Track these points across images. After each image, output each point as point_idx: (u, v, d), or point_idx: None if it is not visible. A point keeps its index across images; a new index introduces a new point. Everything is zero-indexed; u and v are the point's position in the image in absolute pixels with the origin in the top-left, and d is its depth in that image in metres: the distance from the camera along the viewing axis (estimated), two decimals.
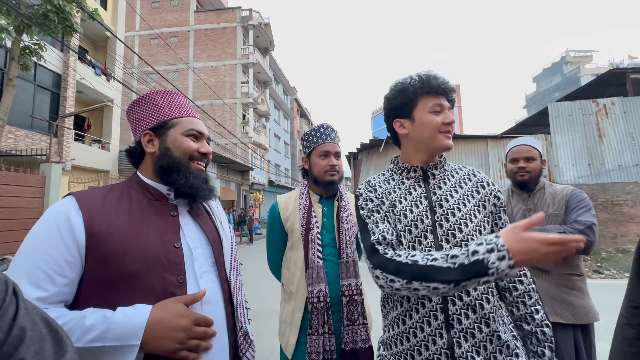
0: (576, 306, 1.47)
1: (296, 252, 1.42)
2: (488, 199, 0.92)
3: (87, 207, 0.72)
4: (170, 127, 0.85)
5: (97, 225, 0.71)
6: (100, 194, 0.78)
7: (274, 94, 27.14)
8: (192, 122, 0.88)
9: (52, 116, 10.10)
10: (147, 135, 0.85)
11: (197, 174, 0.85)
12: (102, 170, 11.43)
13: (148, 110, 0.87)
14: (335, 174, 1.46)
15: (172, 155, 0.84)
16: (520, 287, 0.88)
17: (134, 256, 0.71)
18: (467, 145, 11.14)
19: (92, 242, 0.69)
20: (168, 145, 0.84)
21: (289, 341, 1.35)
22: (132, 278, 0.70)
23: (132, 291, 0.70)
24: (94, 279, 0.70)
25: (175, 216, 0.82)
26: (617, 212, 8.93)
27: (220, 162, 16.90)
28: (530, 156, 1.63)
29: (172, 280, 0.74)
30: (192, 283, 0.77)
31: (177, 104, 0.90)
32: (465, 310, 0.81)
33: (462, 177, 0.95)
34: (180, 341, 0.68)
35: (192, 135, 0.87)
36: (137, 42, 21.99)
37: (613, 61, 32.09)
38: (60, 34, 6.09)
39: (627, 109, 9.45)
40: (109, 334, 0.63)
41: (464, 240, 0.85)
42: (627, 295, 0.88)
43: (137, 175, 0.86)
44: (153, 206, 0.81)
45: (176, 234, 0.79)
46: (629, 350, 0.83)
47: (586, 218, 1.47)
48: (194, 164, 0.86)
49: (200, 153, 0.87)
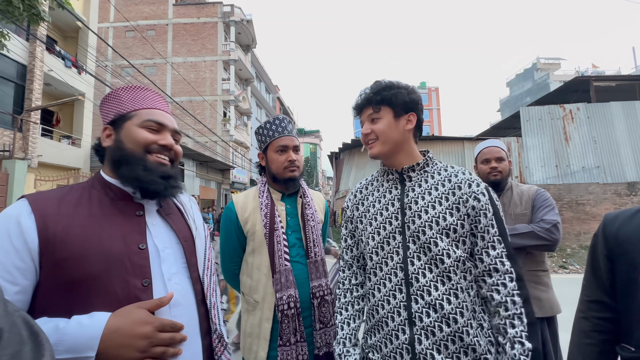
0: (542, 300, 1.57)
1: (259, 257, 1.29)
2: (463, 202, 0.89)
3: (41, 209, 0.68)
4: (127, 120, 0.81)
5: (51, 228, 0.67)
6: (57, 195, 0.73)
7: (256, 92, 26.78)
8: (151, 113, 0.83)
9: (16, 110, 9.45)
10: (107, 129, 0.82)
11: (152, 167, 0.79)
12: (72, 168, 10.84)
13: (111, 106, 0.84)
14: (295, 169, 1.35)
15: (123, 147, 0.79)
16: (496, 297, 0.85)
17: (94, 258, 0.67)
18: (445, 146, 11.50)
19: (46, 245, 0.66)
20: (121, 137, 0.80)
21: (257, 356, 1.23)
22: (92, 282, 0.66)
23: (93, 297, 0.66)
24: (51, 285, 0.65)
25: (140, 216, 0.78)
26: (581, 211, 9.54)
27: (199, 160, 16.47)
28: (500, 157, 1.71)
29: (135, 283, 0.70)
30: (158, 286, 0.73)
31: (141, 97, 0.85)
32: (427, 309, 0.84)
33: (442, 179, 0.95)
34: (141, 349, 0.64)
35: (148, 127, 0.81)
36: (111, 34, 20.99)
37: (579, 69, 34.15)
38: (26, 22, 5.71)
39: (591, 114, 10.10)
40: (61, 346, 0.59)
41: (427, 242, 0.87)
42: (582, 291, 0.95)
43: (99, 174, 0.81)
44: (116, 206, 0.76)
45: (141, 235, 0.75)
46: (585, 341, 0.89)
47: (551, 217, 1.57)
48: (151, 156, 0.80)
49: (160, 145, 0.81)
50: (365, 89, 1.01)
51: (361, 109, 1.01)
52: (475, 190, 0.91)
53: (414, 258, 0.88)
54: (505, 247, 0.88)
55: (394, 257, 0.91)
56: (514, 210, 1.67)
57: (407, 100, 0.96)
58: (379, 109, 0.96)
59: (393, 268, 0.90)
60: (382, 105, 0.96)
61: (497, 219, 0.90)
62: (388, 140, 0.96)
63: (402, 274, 0.88)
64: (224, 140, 18.01)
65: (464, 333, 0.83)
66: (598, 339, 0.86)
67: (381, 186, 1.02)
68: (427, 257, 0.87)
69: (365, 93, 1.00)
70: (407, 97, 0.97)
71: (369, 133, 0.98)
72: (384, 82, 1.00)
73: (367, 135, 0.99)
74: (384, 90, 0.96)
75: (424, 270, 0.87)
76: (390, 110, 0.96)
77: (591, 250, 0.91)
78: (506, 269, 0.86)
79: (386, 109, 0.96)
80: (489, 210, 0.90)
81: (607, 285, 0.85)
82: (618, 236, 0.81)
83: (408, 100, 0.96)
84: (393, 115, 0.96)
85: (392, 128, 0.96)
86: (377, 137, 0.97)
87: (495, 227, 0.89)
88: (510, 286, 0.85)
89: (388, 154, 0.98)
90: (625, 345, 0.78)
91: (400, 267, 0.89)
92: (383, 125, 0.96)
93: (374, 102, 0.97)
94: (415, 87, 1.01)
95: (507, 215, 1.68)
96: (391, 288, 0.89)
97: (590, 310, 0.89)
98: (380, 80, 1.01)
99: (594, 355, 0.86)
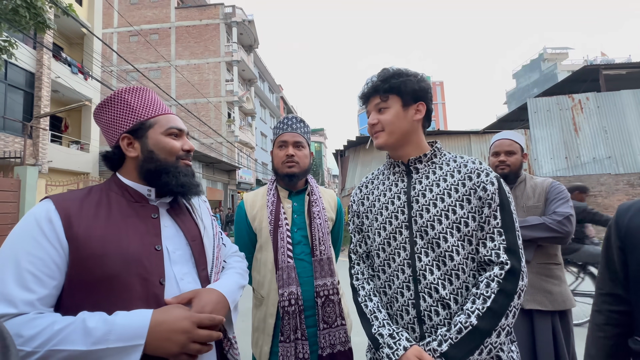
0: (554, 293, 1.54)
1: (266, 253, 1.31)
2: (474, 192, 0.86)
3: (65, 209, 0.71)
4: (149, 128, 0.83)
5: (75, 227, 0.70)
6: (78, 196, 0.77)
7: (260, 92, 26.84)
8: (169, 119, 0.86)
9: (26, 117, 9.65)
10: (126, 138, 0.83)
11: (187, 172, 0.85)
12: (81, 173, 11.02)
13: (120, 112, 0.83)
14: (293, 164, 1.33)
15: (157, 157, 0.82)
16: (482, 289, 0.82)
17: (114, 258, 0.70)
18: (451, 140, 11.37)
19: (71, 243, 0.69)
20: (151, 147, 0.82)
21: (262, 350, 1.25)
22: (113, 280, 0.69)
23: (114, 294, 0.69)
24: (76, 282, 0.68)
25: (156, 218, 0.81)
26: (592, 203, 9.35)
27: (206, 162, 16.60)
28: (510, 150, 1.68)
29: (154, 281, 0.74)
30: (172, 285, 0.77)
31: (150, 101, 0.87)
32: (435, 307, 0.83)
33: (451, 169, 0.91)
34: (181, 344, 0.68)
35: (172, 134, 0.85)
36: (115, 40, 21.24)
37: (587, 58, 33.42)
38: (32, 30, 5.82)
39: (601, 104, 9.87)
40: (112, 335, 0.63)
41: (435, 238, 0.84)
42: (596, 284, 0.93)
43: (116, 176, 0.84)
44: (133, 208, 0.80)
45: (157, 237, 0.79)
46: (598, 335, 0.87)
47: (564, 209, 1.53)
48: (182, 162, 0.86)
49: (185, 151, 0.86)
50: (372, 77, 0.96)
51: (368, 98, 0.96)
52: (484, 180, 0.87)
53: (422, 254, 0.86)
54: (506, 240, 0.83)
55: (401, 253, 0.88)
56: (526, 202, 1.65)
57: (416, 88, 0.91)
58: (387, 98, 0.91)
59: (400, 265, 0.88)
60: (390, 93, 0.91)
61: (502, 211, 0.85)
62: (395, 131, 0.92)
63: (409, 271, 0.86)
64: (229, 141, 18.12)
65: None
66: (612, 332, 0.84)
67: (387, 179, 0.99)
68: (436, 254, 0.84)
69: (372, 81, 0.95)
70: (416, 85, 0.91)
71: (376, 123, 0.93)
72: (392, 69, 0.95)
73: (374, 125, 0.94)
74: (392, 77, 0.91)
75: (431, 267, 0.84)
76: (398, 100, 0.91)
77: (605, 242, 0.89)
78: (500, 261, 0.81)
79: (394, 98, 0.92)
80: (494, 201, 0.85)
81: (620, 277, 0.83)
82: (630, 227, 0.79)
83: (417, 88, 0.91)
84: (401, 105, 0.91)
85: (400, 118, 0.91)
86: (383, 127, 0.92)
87: (498, 218, 0.84)
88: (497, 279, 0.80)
89: (395, 145, 0.94)
90: (638, 338, 0.76)
91: (408, 264, 0.87)
92: (390, 115, 0.91)
93: (381, 90, 0.92)
94: (425, 75, 0.96)
95: (519, 207, 1.66)
96: (399, 285, 0.88)
97: (604, 303, 0.88)
98: (387, 67, 0.96)
99: (607, 349, 0.85)
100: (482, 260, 0.85)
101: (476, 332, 0.76)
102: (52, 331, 0.61)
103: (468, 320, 0.77)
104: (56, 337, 0.61)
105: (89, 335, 0.62)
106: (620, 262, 0.82)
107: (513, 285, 0.79)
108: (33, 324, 0.61)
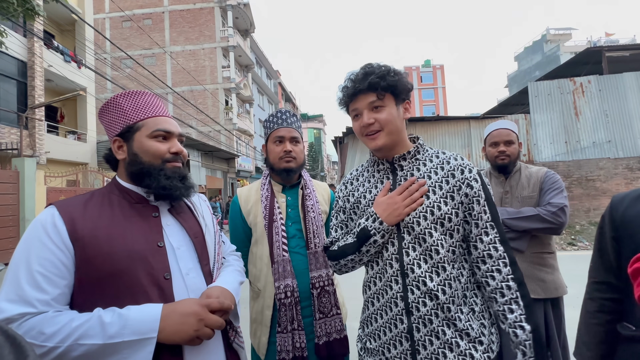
0: (547, 282, 1.57)
1: (261, 247, 1.34)
2: (457, 189, 0.88)
3: (68, 214, 0.76)
4: (136, 131, 0.85)
5: (80, 229, 0.74)
6: (81, 200, 0.81)
7: (257, 78, 26.41)
8: (157, 122, 0.87)
9: (20, 107, 9.52)
10: (117, 141, 0.87)
11: (171, 174, 0.85)
12: (80, 163, 10.98)
13: (115, 115, 0.87)
14: (290, 160, 1.35)
15: (141, 160, 0.84)
16: (492, 283, 0.86)
17: (120, 255, 0.75)
18: (451, 126, 11.28)
19: (77, 245, 0.73)
20: (135, 150, 0.85)
21: (260, 341, 1.30)
22: (121, 276, 0.74)
23: (123, 289, 0.74)
24: (85, 280, 0.73)
25: (156, 217, 0.85)
26: (591, 187, 9.38)
27: (204, 150, 16.53)
28: (509, 140, 1.67)
29: (159, 276, 0.78)
30: (178, 280, 0.81)
31: (143, 104, 0.88)
32: (423, 298, 0.85)
33: (435, 166, 0.92)
34: (196, 327, 0.73)
35: (159, 137, 0.86)
36: (107, 26, 20.67)
37: (591, 39, 32.70)
38: (21, 17, 5.65)
39: (602, 87, 9.74)
40: (127, 330, 0.68)
41: (421, 233, 0.86)
42: (589, 273, 0.95)
43: (116, 179, 0.88)
44: (135, 209, 0.84)
45: (159, 234, 0.83)
46: (591, 322, 0.90)
47: (558, 200, 1.54)
48: (169, 164, 0.86)
49: (172, 153, 0.87)
50: (356, 74, 0.92)
51: (355, 96, 0.91)
52: (468, 176, 0.89)
53: (409, 249, 0.88)
54: (498, 232, 0.88)
55: (389, 247, 0.90)
56: (521, 193, 1.65)
57: (408, 87, 0.92)
58: (384, 96, 0.89)
59: (388, 259, 0.90)
60: (387, 91, 0.89)
61: (489, 204, 0.89)
62: (393, 131, 0.91)
63: (397, 265, 0.88)
64: (227, 129, 17.97)
65: (456, 320, 0.84)
66: (604, 319, 0.87)
67: (372, 177, 0.99)
68: (422, 248, 0.87)
69: (358, 77, 0.91)
70: (408, 83, 0.93)
71: (373, 123, 0.90)
72: (378, 65, 0.92)
73: (370, 125, 0.90)
74: (389, 75, 0.89)
75: (419, 261, 0.86)
76: (392, 98, 0.91)
77: (598, 231, 0.90)
78: (499, 254, 0.86)
79: (389, 97, 0.90)
80: (481, 197, 0.89)
81: (614, 266, 0.85)
82: (624, 217, 0.80)
83: (409, 87, 0.93)
84: (395, 103, 0.91)
85: (395, 117, 0.90)
86: (381, 127, 0.90)
87: (487, 212, 0.88)
88: (504, 271, 0.85)
89: (392, 145, 0.93)
90: (626, 324, 0.79)
91: (396, 258, 0.89)
92: (387, 114, 0.89)
93: (380, 88, 0.88)
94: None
95: (514, 197, 1.66)
96: (388, 279, 0.90)
97: (596, 291, 0.90)
98: (371, 63, 0.93)
99: (599, 335, 0.88)
100: (480, 256, 0.87)
101: (535, 332, 0.82)
102: (72, 327, 0.67)
103: (525, 331, 0.82)
104: (76, 332, 0.66)
105: (106, 330, 0.67)
106: (614, 251, 0.83)
107: (519, 272, 0.87)
108: (54, 321, 0.67)
